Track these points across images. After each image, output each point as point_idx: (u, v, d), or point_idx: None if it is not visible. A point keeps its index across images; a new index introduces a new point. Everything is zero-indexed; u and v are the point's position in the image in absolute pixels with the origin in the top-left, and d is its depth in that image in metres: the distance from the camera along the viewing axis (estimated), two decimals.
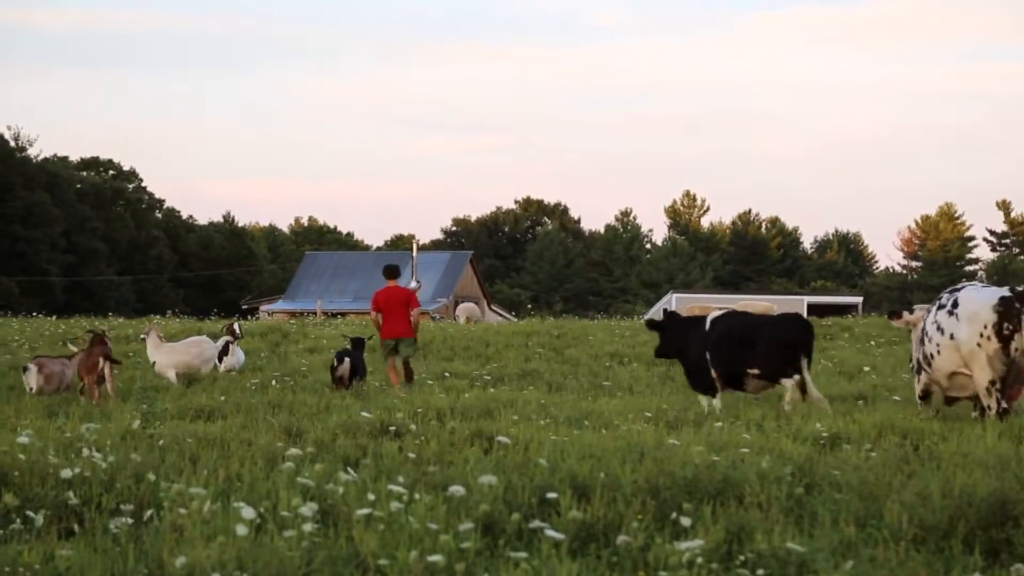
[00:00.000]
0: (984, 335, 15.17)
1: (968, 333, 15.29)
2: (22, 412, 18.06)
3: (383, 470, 10.92)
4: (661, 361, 28.49)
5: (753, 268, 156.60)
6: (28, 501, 9.70)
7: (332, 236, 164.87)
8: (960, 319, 15.40)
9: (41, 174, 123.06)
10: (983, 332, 15.17)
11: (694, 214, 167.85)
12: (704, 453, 11.11)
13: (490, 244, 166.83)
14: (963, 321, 15.35)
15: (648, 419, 16.38)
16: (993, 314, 15.16)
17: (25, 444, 11.09)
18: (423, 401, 18.45)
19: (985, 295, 15.43)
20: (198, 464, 11.50)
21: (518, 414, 16.95)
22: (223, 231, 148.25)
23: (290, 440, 13.97)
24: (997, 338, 15.09)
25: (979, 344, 15.20)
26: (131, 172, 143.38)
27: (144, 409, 18.26)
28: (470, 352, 32.13)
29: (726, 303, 70.38)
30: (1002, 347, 15.08)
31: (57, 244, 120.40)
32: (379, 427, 14.83)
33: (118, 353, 30.42)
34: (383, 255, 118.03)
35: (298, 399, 19.46)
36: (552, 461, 10.73)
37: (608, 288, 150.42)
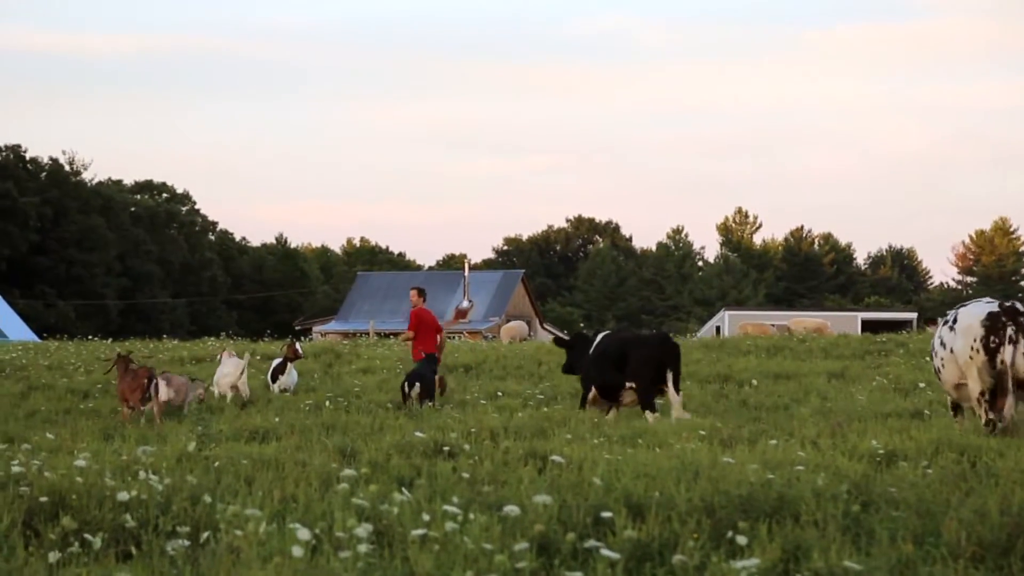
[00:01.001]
0: (974, 348, 16.11)
1: (962, 346, 16.27)
2: (79, 435, 18.16)
3: (437, 490, 10.92)
4: (714, 379, 28.46)
5: (806, 285, 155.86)
6: (86, 524, 9.74)
7: (384, 256, 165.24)
8: (957, 333, 16.39)
9: (96, 198, 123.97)
10: (973, 345, 16.12)
11: (746, 231, 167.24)
12: (759, 471, 11.06)
13: (542, 263, 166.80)
14: (959, 335, 16.34)
15: (702, 437, 16.32)
16: (981, 328, 16.07)
17: (82, 467, 11.15)
18: (476, 421, 18.44)
19: (978, 310, 16.34)
20: (253, 485, 11.53)
21: (571, 433, 16.92)
22: (276, 253, 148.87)
23: (344, 461, 13.99)
24: (984, 351, 16.01)
25: (970, 356, 16.14)
26: (184, 195, 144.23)
27: (199, 431, 18.34)
28: (523, 371, 32.11)
29: (779, 320, 70.19)
30: (988, 360, 15.97)
31: (112, 267, 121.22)
32: (433, 447, 14.83)
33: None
34: (435, 275, 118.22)
35: (352, 420, 19.49)
36: (606, 480, 10.71)
37: (660, 306, 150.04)
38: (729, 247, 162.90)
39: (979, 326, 16.17)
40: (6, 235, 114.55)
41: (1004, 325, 16.00)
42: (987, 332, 16.07)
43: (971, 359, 16.16)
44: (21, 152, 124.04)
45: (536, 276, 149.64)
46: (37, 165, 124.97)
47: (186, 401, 23.39)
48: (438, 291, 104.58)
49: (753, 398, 23.91)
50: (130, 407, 21.84)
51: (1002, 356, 15.99)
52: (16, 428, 19.84)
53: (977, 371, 16.15)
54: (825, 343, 39.76)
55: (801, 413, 20.25)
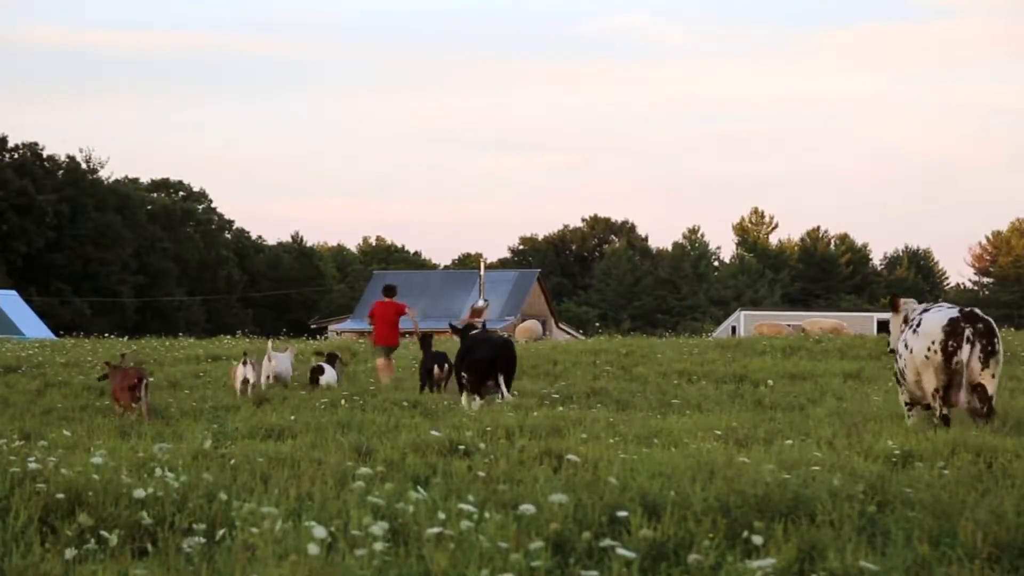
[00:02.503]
0: (932, 349, 17.45)
1: (920, 347, 17.61)
2: (95, 432, 18.20)
3: (453, 489, 10.92)
4: (730, 379, 28.44)
5: (822, 285, 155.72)
6: (102, 521, 9.76)
7: (400, 255, 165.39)
8: (919, 335, 17.72)
9: (112, 196, 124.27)
10: (931, 347, 17.47)
11: (762, 231, 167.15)
12: (775, 471, 11.05)
13: (557, 262, 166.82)
14: (921, 337, 17.68)
15: (718, 437, 16.31)
16: (941, 332, 17.45)
17: (99, 464, 11.16)
18: (492, 420, 18.44)
19: (941, 315, 17.74)
20: (269, 483, 11.54)
21: (587, 432, 16.91)
22: (292, 251, 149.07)
23: (360, 459, 14.00)
24: (942, 352, 17.38)
25: (926, 357, 17.49)
26: (201, 193, 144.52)
27: (215, 429, 18.37)
28: (538, 370, 32.11)
29: (794, 320, 70.11)
30: (945, 360, 17.34)
31: (128, 265, 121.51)
32: (448, 446, 14.83)
33: (188, 373, 30.67)
34: (451, 274, 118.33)
35: (367, 418, 19.50)
36: (622, 479, 10.70)
37: (676, 306, 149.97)
38: (745, 247, 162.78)
39: (940, 331, 17.48)
40: (23, 232, 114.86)
41: (963, 330, 17.37)
42: (946, 336, 17.40)
43: (927, 359, 17.47)
44: (38, 150, 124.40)
45: (552, 275, 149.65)
46: (54, 163, 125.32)
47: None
48: (454, 290, 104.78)
49: (769, 398, 23.90)
50: (121, 406, 21.89)
51: (958, 357, 17.30)
52: (33, 425, 19.88)
53: (933, 370, 17.44)
54: (841, 344, 39.71)
55: (817, 413, 20.22)
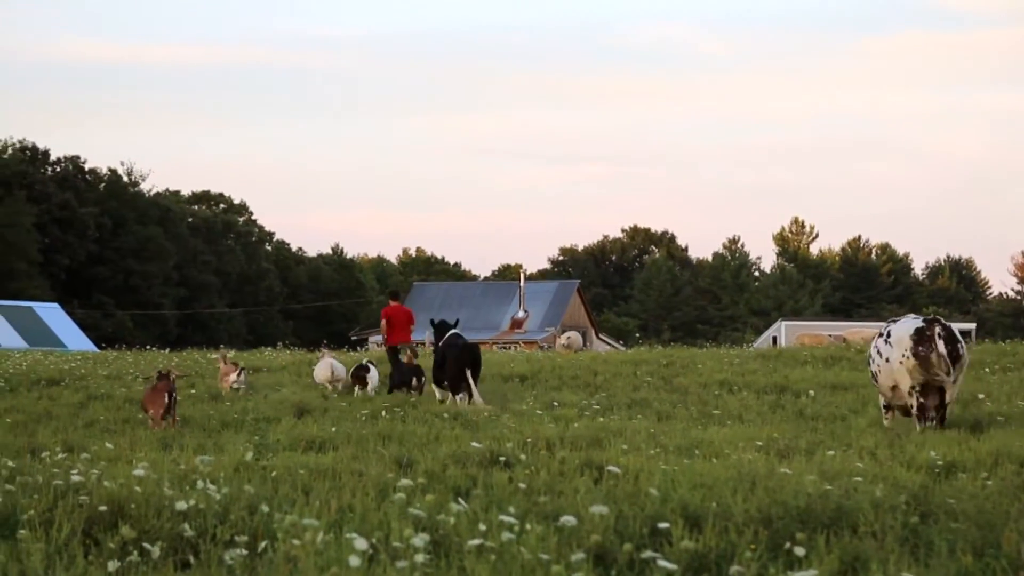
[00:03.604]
0: (905, 355, 19.39)
1: (896, 355, 19.58)
2: (137, 445, 18.27)
3: (494, 500, 10.92)
4: (772, 389, 28.34)
5: (863, 295, 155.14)
6: (144, 533, 9.79)
7: (440, 267, 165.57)
8: (891, 345, 19.74)
9: (154, 208, 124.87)
10: (904, 354, 19.40)
11: (803, 241, 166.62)
12: (817, 482, 11.01)
13: (597, 273, 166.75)
14: (893, 346, 19.70)
15: (759, 448, 16.26)
16: (910, 340, 19.38)
17: (141, 477, 11.20)
18: (532, 431, 18.42)
19: (908, 325, 19.74)
20: (310, 495, 11.56)
21: (628, 443, 16.88)
22: (332, 263, 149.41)
23: (401, 471, 14.00)
24: (915, 357, 19.26)
25: (901, 362, 19.46)
26: (241, 205, 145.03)
27: (256, 441, 18.41)
28: (578, 381, 32.07)
29: (836, 330, 69.84)
30: (919, 363, 19.22)
31: (169, 277, 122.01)
32: (489, 457, 14.83)
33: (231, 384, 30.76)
34: (491, 285, 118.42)
35: (408, 430, 19.51)
36: (663, 490, 10.68)
37: (716, 316, 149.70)
38: (785, 257, 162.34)
39: (908, 339, 19.43)
40: (65, 245, 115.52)
41: (929, 337, 19.29)
42: (915, 343, 19.33)
43: (902, 364, 19.42)
44: (80, 163, 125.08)
45: (592, 286, 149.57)
46: (96, 176, 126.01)
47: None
48: (494, 301, 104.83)
49: (810, 408, 23.80)
50: (150, 416, 22.41)
51: (933, 360, 19.18)
52: (75, 437, 19.96)
53: (908, 372, 19.36)
54: None
55: (859, 424, 20.14)
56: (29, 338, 78.15)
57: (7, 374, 34.87)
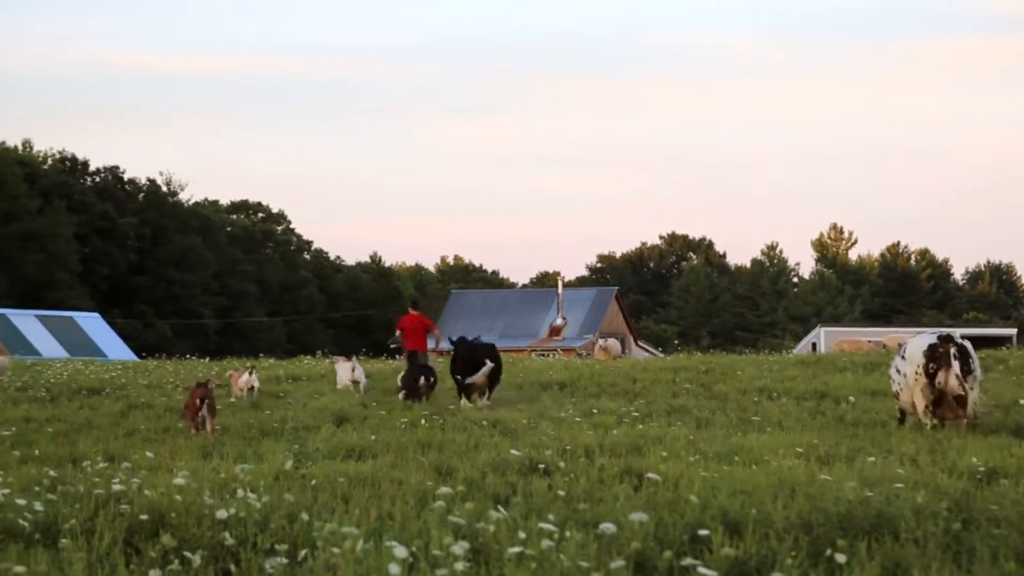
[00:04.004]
0: (918, 372, 19.98)
1: (910, 371, 20.23)
2: (177, 454, 18.33)
3: (533, 508, 10.91)
4: (811, 396, 28.24)
5: (903, 300, 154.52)
6: (185, 542, 9.82)
7: (478, 275, 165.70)
8: (907, 361, 20.41)
9: (193, 218, 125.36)
10: (917, 371, 20.01)
11: (841, 247, 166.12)
12: (857, 488, 10.97)
13: (635, 280, 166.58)
14: (908, 363, 20.35)
15: (799, 454, 16.21)
16: (923, 357, 19.99)
17: (181, 485, 11.24)
18: (571, 438, 18.41)
19: (921, 342, 20.36)
20: (350, 503, 11.57)
21: (667, 450, 16.85)
22: (370, 271, 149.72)
23: (440, 479, 14.01)
24: (925, 375, 19.85)
25: (915, 379, 20.05)
26: (280, 214, 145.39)
27: (296, 449, 18.45)
28: (617, 389, 32.01)
29: (875, 336, 69.56)
30: (929, 382, 19.81)
31: (209, 287, 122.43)
32: (528, 465, 14.82)
33: (270, 393, 30.86)
34: (529, 293, 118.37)
35: (447, 438, 19.52)
36: (703, 497, 10.66)
37: (755, 323, 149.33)
38: (824, 263, 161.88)
39: (921, 356, 20.02)
40: (106, 255, 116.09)
41: (941, 355, 19.85)
42: (927, 360, 19.89)
43: (916, 381, 20.00)
44: (120, 173, 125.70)
45: (630, 293, 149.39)
46: (135, 186, 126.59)
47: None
48: (532, 309, 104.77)
49: (850, 415, 23.69)
50: (188, 424, 22.83)
51: (939, 379, 19.77)
52: (116, 447, 20.04)
53: (920, 390, 19.96)
54: None
55: (899, 430, 20.06)
56: (70, 348, 78.56)
57: (48, 384, 35.04)
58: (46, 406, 29.01)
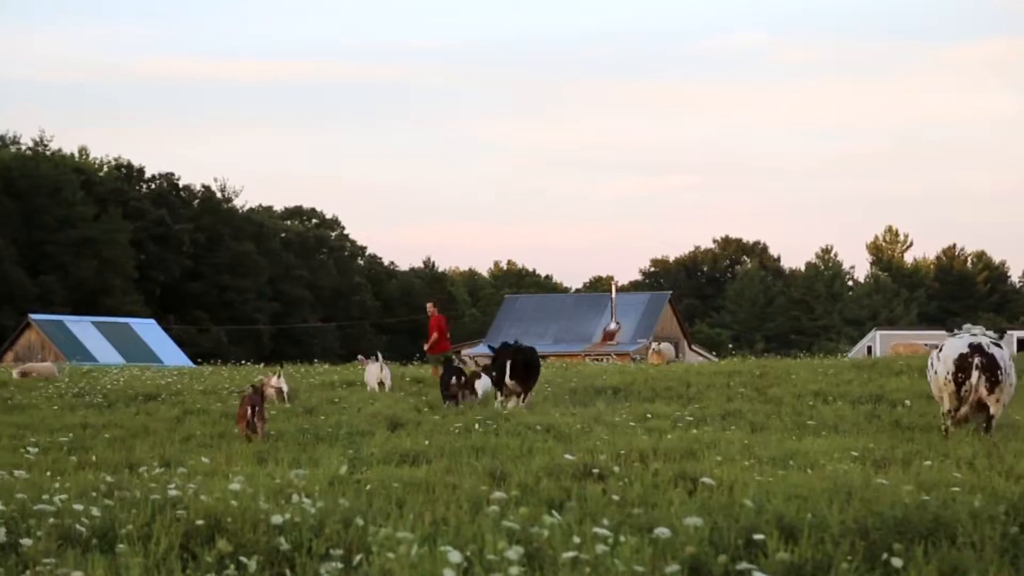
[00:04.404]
0: (948, 377, 20.17)
1: (942, 372, 20.34)
2: (233, 459, 18.41)
3: (588, 512, 10.90)
4: (867, 399, 28.11)
5: (960, 304, 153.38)
6: (241, 547, 9.86)
7: (531, 279, 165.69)
8: (941, 361, 20.48)
9: (247, 224, 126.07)
10: (947, 376, 20.18)
11: (897, 250, 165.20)
12: (914, 492, 10.91)
13: (689, 284, 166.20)
14: (941, 363, 20.46)
15: (855, 458, 16.13)
16: (953, 364, 20.14)
17: (237, 491, 11.29)
18: (626, 443, 18.39)
19: (955, 347, 20.39)
20: (404, 508, 11.59)
21: (721, 455, 16.80)
22: (424, 276, 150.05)
23: (494, 483, 14.02)
24: (954, 382, 20.10)
25: (945, 383, 20.26)
26: (334, 220, 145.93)
27: (351, 454, 18.50)
28: (671, 393, 31.95)
29: (931, 339, 69.14)
30: (956, 389, 20.08)
31: (264, 292, 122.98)
32: (582, 469, 14.81)
33: (324, 399, 30.97)
34: (582, 297, 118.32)
35: (501, 442, 19.52)
36: (758, 502, 10.62)
37: (810, 326, 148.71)
38: (879, 266, 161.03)
39: (952, 363, 20.17)
40: (161, 261, 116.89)
41: (970, 364, 20.00)
42: (956, 368, 20.08)
43: (945, 384, 20.25)
44: (174, 180, 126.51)
45: (683, 297, 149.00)
46: (190, 192, 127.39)
47: None
48: (586, 313, 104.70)
49: (906, 418, 23.57)
50: (240, 429, 23.04)
51: (966, 387, 20.02)
52: (172, 452, 20.14)
53: (948, 395, 20.22)
54: None
55: (956, 434, 19.94)
56: (126, 354, 79.18)
57: (105, 390, 35.28)
58: (103, 412, 29.22)
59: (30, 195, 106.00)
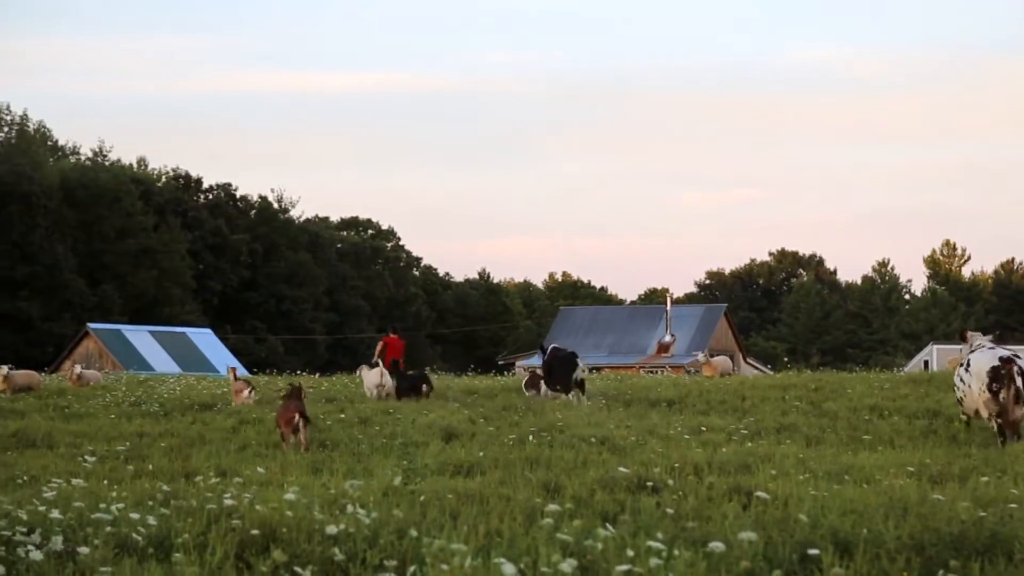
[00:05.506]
0: (982, 389, 21.77)
1: (976, 386, 22.04)
2: (288, 469, 18.48)
3: (641, 526, 10.89)
4: (923, 414, 27.94)
5: (1017, 318, 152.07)
6: (296, 557, 9.90)
7: (586, 291, 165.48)
8: (972, 375, 22.22)
9: (303, 235, 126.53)
10: (981, 388, 21.79)
11: (954, 263, 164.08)
12: (970, 508, 10.84)
13: (744, 296, 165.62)
14: (973, 377, 22.17)
15: (911, 474, 16.04)
16: (986, 376, 21.72)
17: (292, 501, 11.34)
18: (680, 456, 18.35)
19: (985, 360, 22.11)
20: (458, 520, 11.61)
21: (776, 469, 16.75)
22: (479, 288, 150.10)
23: (548, 495, 14.02)
24: (989, 392, 21.67)
25: (980, 394, 21.86)
26: (389, 231, 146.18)
27: (405, 465, 18.53)
28: (726, 406, 31.85)
29: None
30: (992, 397, 21.65)
31: (320, 302, 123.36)
32: (636, 482, 14.79)
33: (378, 409, 31.01)
34: (637, 309, 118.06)
35: (555, 454, 19.52)
36: (813, 517, 10.59)
37: (866, 340, 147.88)
38: (937, 280, 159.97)
39: (985, 375, 21.72)
40: (218, 271, 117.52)
41: (1003, 375, 21.49)
42: (991, 379, 21.60)
43: (979, 395, 21.84)
44: (232, 190, 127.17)
45: (739, 310, 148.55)
46: (247, 203, 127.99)
47: None
48: (640, 326, 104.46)
49: (963, 434, 23.44)
50: (282, 435, 23.49)
51: (1002, 396, 21.51)
52: (228, 462, 20.24)
53: (984, 404, 21.81)
54: None
55: (1013, 450, 19.79)
56: (183, 363, 79.60)
57: (162, 399, 35.48)
58: (159, 421, 29.39)
59: (90, 205, 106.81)
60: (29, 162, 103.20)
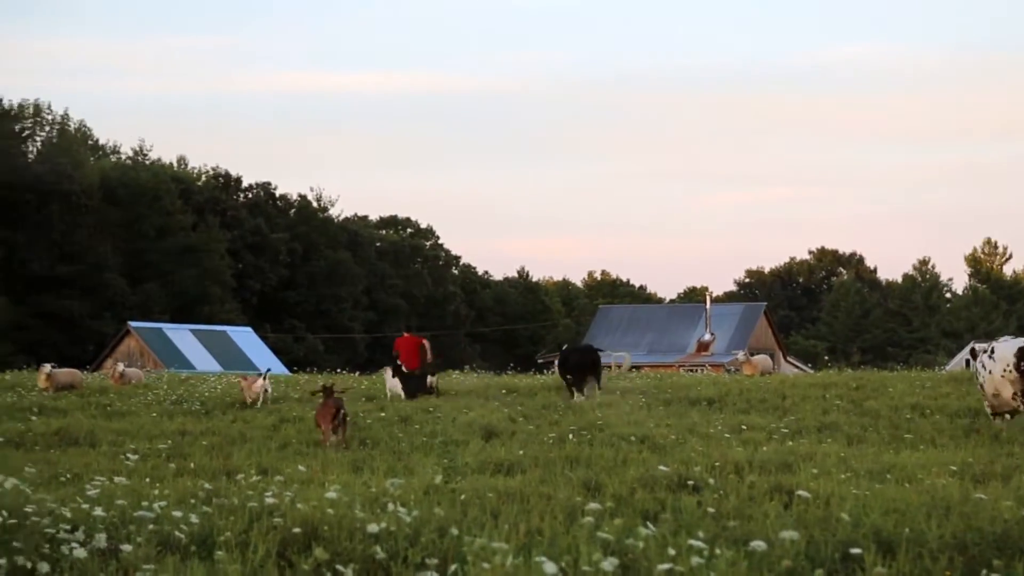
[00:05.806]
0: (1007, 370, 23.52)
1: (997, 369, 23.75)
2: (329, 467, 18.52)
3: (682, 524, 10.88)
4: (965, 413, 27.81)
5: None
6: (337, 555, 9.92)
7: (625, 290, 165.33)
8: (996, 361, 23.86)
9: (343, 233, 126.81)
10: (1007, 368, 23.52)
11: (996, 262, 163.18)
12: (1014, 507, 10.79)
13: (784, 295, 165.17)
14: (997, 362, 23.83)
15: (953, 473, 15.97)
16: (1014, 357, 23.42)
17: (333, 499, 11.36)
18: (721, 455, 18.32)
19: (1010, 346, 23.80)
20: (499, 518, 11.61)
21: (818, 468, 16.70)
22: (518, 286, 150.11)
23: (589, 494, 14.01)
24: (1016, 370, 23.37)
25: (1003, 375, 23.62)
26: (428, 230, 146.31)
27: (446, 464, 18.55)
28: (766, 405, 31.76)
29: None
30: (1020, 376, 23.35)
31: (359, 301, 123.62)
32: (677, 481, 14.77)
33: (418, 408, 31.05)
34: (676, 308, 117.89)
35: (595, 453, 19.50)
36: (854, 516, 10.56)
37: (907, 338, 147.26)
38: (978, 278, 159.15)
39: (1012, 356, 23.48)
40: (258, 270, 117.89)
41: None
42: (1018, 359, 23.38)
43: (1004, 376, 23.58)
44: (271, 189, 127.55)
45: (778, 308, 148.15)
46: (286, 202, 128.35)
47: None
48: (680, 324, 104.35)
49: (1006, 432, 23.32)
50: (322, 432, 23.72)
51: None
52: (269, 460, 20.30)
53: (1011, 383, 23.47)
54: None
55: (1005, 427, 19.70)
56: (223, 361, 79.90)
57: (203, 397, 35.61)
58: (200, 419, 29.49)
59: (130, 204, 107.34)
60: (70, 161, 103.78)
